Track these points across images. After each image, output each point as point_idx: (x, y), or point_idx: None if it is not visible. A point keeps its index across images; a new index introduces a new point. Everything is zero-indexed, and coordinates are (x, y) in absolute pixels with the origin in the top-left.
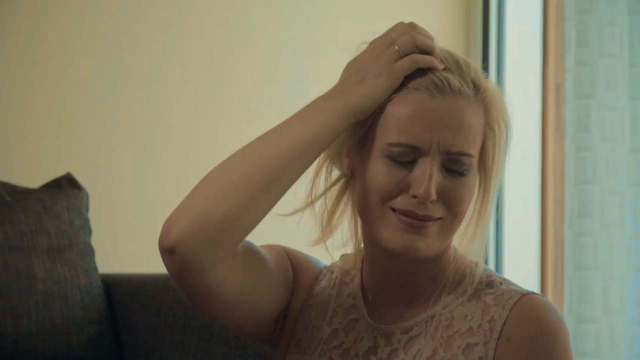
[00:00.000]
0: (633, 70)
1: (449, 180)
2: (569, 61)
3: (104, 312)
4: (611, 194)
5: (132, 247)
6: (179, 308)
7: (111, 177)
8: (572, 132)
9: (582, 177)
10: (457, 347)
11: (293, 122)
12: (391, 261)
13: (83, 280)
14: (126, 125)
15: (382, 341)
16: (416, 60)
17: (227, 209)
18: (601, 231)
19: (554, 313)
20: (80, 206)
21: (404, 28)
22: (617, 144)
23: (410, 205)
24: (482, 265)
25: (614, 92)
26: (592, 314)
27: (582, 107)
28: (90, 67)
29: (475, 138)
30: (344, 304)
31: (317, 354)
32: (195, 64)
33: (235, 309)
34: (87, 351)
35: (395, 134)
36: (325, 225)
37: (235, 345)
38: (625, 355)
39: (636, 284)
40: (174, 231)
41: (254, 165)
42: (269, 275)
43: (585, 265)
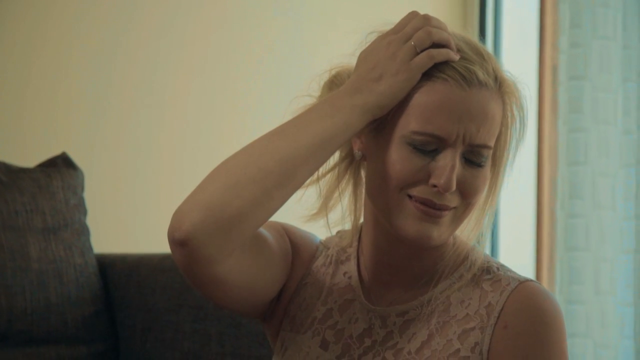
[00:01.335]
0: (626, 52)
1: (467, 171)
2: (563, 43)
3: (99, 292)
4: (603, 175)
5: (128, 227)
6: (173, 288)
7: (107, 156)
8: (565, 114)
9: (574, 159)
10: (452, 333)
11: (311, 118)
12: (395, 245)
13: (78, 259)
14: (122, 105)
15: (378, 323)
16: (433, 56)
17: (242, 203)
18: (593, 212)
19: (551, 301)
20: (76, 186)
21: (419, 22)
22: (609, 125)
23: (428, 193)
24: (480, 251)
25: (607, 74)
26: (583, 295)
27: (575, 89)
28: (86, 47)
29: (495, 130)
30: (340, 283)
31: (310, 333)
32: (194, 44)
33: (240, 294)
34: (82, 331)
35: (421, 123)
36: (324, 202)
37: (229, 324)
38: (615, 337)
39: (627, 265)
40: (187, 223)
41: (272, 160)
42: (272, 259)
43: (577, 247)
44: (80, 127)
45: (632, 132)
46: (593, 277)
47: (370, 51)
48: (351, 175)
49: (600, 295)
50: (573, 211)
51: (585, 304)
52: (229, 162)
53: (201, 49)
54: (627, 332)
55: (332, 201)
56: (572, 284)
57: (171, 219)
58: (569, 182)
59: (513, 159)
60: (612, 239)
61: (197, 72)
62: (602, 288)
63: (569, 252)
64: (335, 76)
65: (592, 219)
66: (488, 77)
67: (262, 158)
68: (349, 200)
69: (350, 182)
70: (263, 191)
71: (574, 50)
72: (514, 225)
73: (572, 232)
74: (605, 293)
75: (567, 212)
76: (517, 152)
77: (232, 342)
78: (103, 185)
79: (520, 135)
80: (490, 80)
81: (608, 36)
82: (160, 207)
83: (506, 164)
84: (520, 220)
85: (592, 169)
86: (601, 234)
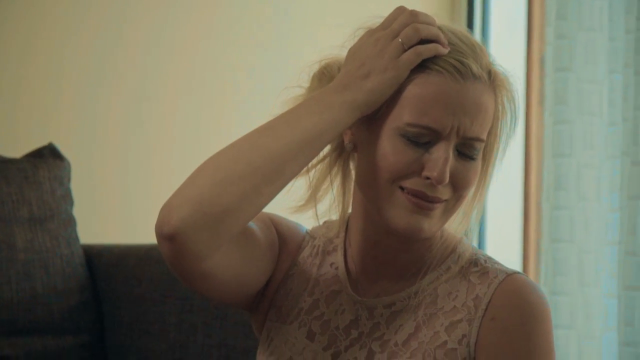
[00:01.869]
0: (612, 43)
1: (459, 164)
2: (549, 34)
3: (85, 283)
4: (588, 167)
5: (114, 218)
6: (160, 279)
7: (93, 147)
8: (551, 105)
9: (559, 150)
10: (439, 325)
11: (300, 115)
12: (383, 237)
13: (64, 250)
14: (109, 96)
15: (364, 314)
16: (421, 52)
17: (231, 199)
18: (577, 204)
19: (538, 293)
20: (62, 176)
21: (406, 18)
22: (594, 117)
23: (421, 185)
24: (468, 244)
25: (592, 66)
26: (567, 287)
27: (560, 80)
28: (74, 38)
29: (488, 123)
30: (326, 274)
31: (296, 324)
32: (183, 36)
33: (227, 287)
34: (68, 321)
35: (415, 115)
36: (313, 193)
37: (216, 316)
38: (599, 328)
39: (611, 257)
40: (175, 218)
41: (261, 157)
42: (259, 252)
43: (561, 238)
44: (67, 117)
45: (617, 124)
46: (577, 268)
47: (358, 48)
48: (340, 167)
49: (585, 286)
50: (558, 203)
51: (569, 295)
52: (218, 157)
53: (190, 41)
54: (611, 324)
55: (320, 192)
56: (557, 275)
57: (159, 213)
58: (554, 174)
59: (503, 153)
60: (597, 230)
61: (185, 65)
62: (586, 280)
63: (554, 243)
64: (325, 67)
65: (576, 210)
66: (482, 70)
67: (251, 154)
68: (338, 191)
69: (340, 173)
70: (252, 187)
71: (560, 42)
72: (501, 217)
73: (556, 224)
74: (589, 285)
75: (552, 203)
76: (507, 147)
77: (219, 333)
78: (90, 176)
79: (511, 130)
80: (484, 74)
81: (594, 28)
82: (147, 198)
83: (496, 158)
84: (507, 212)
85: (577, 161)
86: (586, 225)
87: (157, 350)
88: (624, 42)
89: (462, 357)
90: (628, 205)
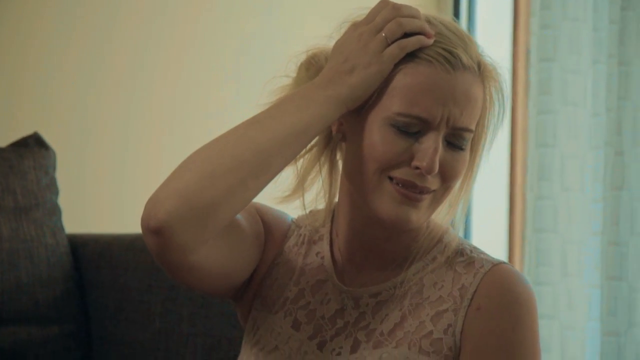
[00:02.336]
0: (596, 33)
1: (448, 154)
2: (534, 25)
3: (70, 272)
4: (572, 157)
5: (99, 207)
6: (145, 268)
7: (79, 136)
8: (535, 95)
9: (542, 141)
10: (425, 315)
11: (286, 109)
12: (369, 227)
13: (49, 239)
14: (95, 86)
15: (350, 304)
16: (404, 46)
17: (218, 193)
18: (561, 194)
19: (523, 284)
20: (48, 165)
21: (389, 13)
22: (578, 107)
23: (410, 175)
24: (454, 234)
25: (576, 56)
26: (550, 277)
27: (544, 70)
28: (59, 26)
29: (477, 114)
30: (312, 263)
31: (282, 313)
32: (168, 27)
33: (213, 279)
34: (53, 311)
35: (405, 105)
36: (300, 183)
37: (201, 305)
38: (581, 318)
39: (594, 247)
40: (162, 211)
41: (248, 150)
42: (245, 243)
43: (544, 228)
44: (52, 107)
45: (601, 114)
46: (560, 258)
47: (343, 42)
48: (328, 157)
49: (568, 277)
50: (541, 193)
51: (552, 285)
52: (205, 150)
53: (177, 31)
54: (593, 314)
55: (307, 182)
56: (540, 265)
57: (145, 206)
58: (538, 164)
59: (491, 145)
60: (580, 220)
61: (171, 55)
62: (569, 270)
63: (537, 233)
64: (312, 57)
65: (560, 200)
66: (471, 60)
67: (238, 148)
68: (325, 181)
69: (327, 163)
70: (239, 181)
71: (544, 32)
72: (487, 208)
73: (540, 214)
74: (572, 275)
75: (536, 194)
76: (494, 138)
77: (204, 322)
78: (75, 165)
79: (499, 121)
80: (473, 64)
81: (578, 18)
82: (133, 187)
83: (483, 149)
84: (493, 202)
85: (561, 151)
86: (569, 215)
87: (142, 339)
88: (607, 32)
89: (447, 346)
90: (611, 196)
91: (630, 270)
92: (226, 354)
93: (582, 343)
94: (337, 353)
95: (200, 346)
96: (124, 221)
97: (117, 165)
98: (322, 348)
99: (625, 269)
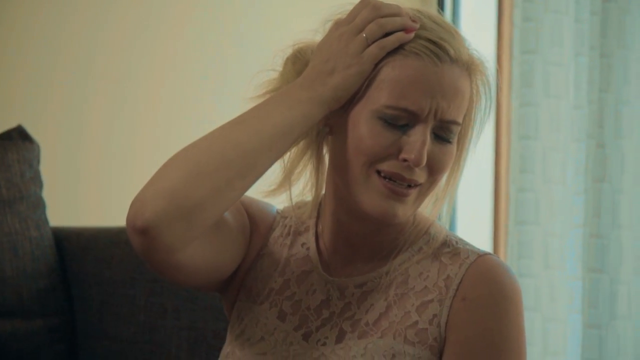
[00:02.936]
0: (578, 25)
1: (436, 147)
2: (516, 17)
3: (55, 265)
4: (553, 149)
5: (84, 200)
6: (129, 261)
7: (63, 129)
8: (517, 88)
9: (524, 133)
10: (410, 305)
11: (271, 110)
12: (356, 221)
13: (33, 232)
14: (79, 78)
15: (336, 294)
16: (384, 46)
17: (205, 193)
18: (543, 187)
19: (509, 275)
20: (32, 158)
21: (369, 13)
22: (560, 99)
23: (398, 168)
24: (440, 226)
25: (558, 48)
26: (532, 269)
27: (526, 63)
28: (42, 19)
29: (465, 107)
30: (297, 254)
31: (267, 304)
32: (151, 21)
33: (200, 276)
34: (37, 304)
35: (394, 98)
36: (287, 176)
37: (185, 298)
38: (563, 311)
39: (576, 239)
40: (149, 211)
41: (234, 151)
42: (231, 238)
43: (526, 221)
44: (36, 100)
45: (582, 106)
46: (542, 251)
47: (324, 42)
48: (315, 150)
49: (550, 269)
50: (523, 185)
51: (534, 277)
52: (191, 150)
53: (163, 24)
54: (575, 306)
55: (294, 176)
56: (522, 257)
57: (131, 205)
58: (520, 156)
59: (477, 138)
60: (562, 213)
61: (155, 49)
62: (551, 262)
63: (519, 226)
64: (299, 51)
65: (542, 193)
66: (458, 54)
67: (224, 148)
68: (311, 174)
69: (314, 157)
70: (225, 181)
71: (526, 24)
72: (472, 201)
73: (522, 207)
74: (554, 267)
75: (518, 186)
76: (481, 132)
77: (188, 315)
78: (59, 158)
79: (485, 115)
80: (461, 58)
81: (560, 10)
82: (117, 180)
83: (470, 143)
84: (478, 195)
85: (543, 144)
86: (551, 208)
87: (127, 332)
88: (589, 25)
89: (432, 337)
90: (593, 188)
91: (611, 262)
92: (211, 346)
93: (564, 335)
94: (322, 343)
95: (184, 339)
96: (108, 214)
97: (101, 158)
98: (308, 339)
99: (606, 261)
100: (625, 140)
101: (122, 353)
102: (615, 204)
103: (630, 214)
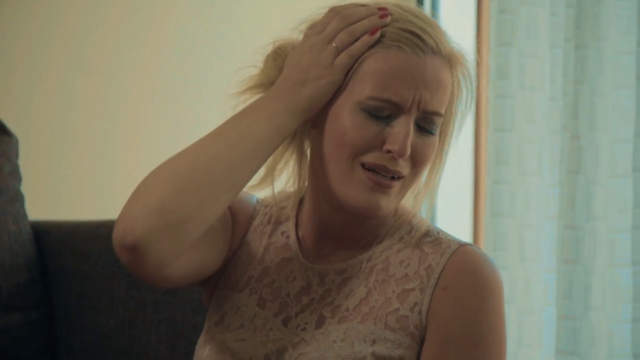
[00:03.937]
0: (554, 18)
1: (419, 138)
2: (493, 9)
3: (34, 259)
4: (529, 141)
5: (63, 194)
6: (108, 255)
7: (41, 123)
8: (493, 80)
9: (500, 125)
10: (391, 292)
11: (248, 122)
12: (338, 213)
13: (12, 226)
14: (58, 72)
15: (316, 281)
16: (353, 54)
17: (192, 207)
18: (518, 179)
19: (490, 265)
20: (10, 152)
21: (339, 23)
22: (536, 91)
23: (382, 159)
24: (421, 217)
25: (534, 40)
26: (507, 261)
27: (502, 55)
28: (24, 12)
29: (447, 98)
30: (277, 242)
31: (247, 291)
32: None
33: (186, 280)
34: (16, 298)
35: (377, 89)
36: (269, 172)
37: (164, 292)
38: (538, 303)
39: (551, 232)
40: (139, 228)
41: (218, 165)
42: (216, 238)
43: (502, 213)
44: (15, 93)
45: (558, 98)
46: (518, 243)
47: (296, 53)
48: (297, 145)
49: (525, 261)
50: (499, 177)
51: (509, 269)
52: (174, 164)
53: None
54: (550, 299)
55: (276, 171)
56: (497, 249)
57: (117, 222)
58: (495, 148)
59: (459, 131)
60: (537, 205)
61: (134, 44)
62: (526, 254)
63: (494, 218)
64: (279, 48)
65: (517, 185)
66: (440, 46)
67: (208, 163)
68: (293, 169)
69: (296, 152)
70: (211, 195)
71: (502, 17)
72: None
73: (497, 198)
74: (529, 259)
75: (493, 178)
76: (462, 124)
77: (167, 309)
78: (38, 152)
79: (466, 107)
80: (442, 50)
81: (535, 2)
82: (96, 174)
83: (451, 136)
84: (458, 187)
85: (518, 136)
86: (526, 200)
87: (106, 326)
88: (565, 17)
89: (413, 324)
90: (567, 180)
91: (586, 254)
92: (190, 340)
93: (540, 327)
94: (302, 329)
95: (164, 332)
96: (87, 208)
97: (80, 152)
98: (287, 324)
99: (580, 253)
100: (599, 132)
101: (102, 346)
102: (590, 196)
103: (604, 206)
